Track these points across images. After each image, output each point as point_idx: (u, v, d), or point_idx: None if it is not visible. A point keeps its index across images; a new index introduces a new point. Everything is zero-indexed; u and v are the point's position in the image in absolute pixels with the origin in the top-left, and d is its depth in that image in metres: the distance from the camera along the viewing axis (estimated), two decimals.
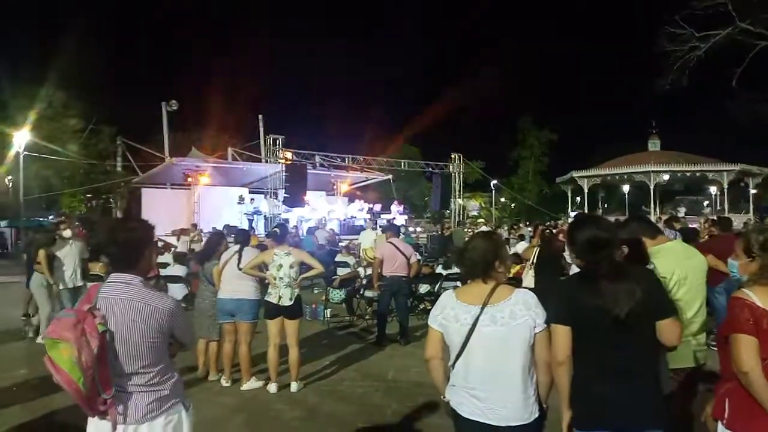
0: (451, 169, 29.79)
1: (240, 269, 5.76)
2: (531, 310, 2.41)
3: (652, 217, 21.97)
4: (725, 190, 31.25)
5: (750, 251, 2.48)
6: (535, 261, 7.31)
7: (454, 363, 2.49)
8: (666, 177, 32.31)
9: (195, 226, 17.53)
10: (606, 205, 40.40)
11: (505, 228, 25.90)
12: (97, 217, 26.16)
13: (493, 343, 2.39)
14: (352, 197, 27.71)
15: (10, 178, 25.56)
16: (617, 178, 34.32)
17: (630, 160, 33.74)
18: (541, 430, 2.52)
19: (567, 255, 5.13)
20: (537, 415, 2.42)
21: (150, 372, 2.24)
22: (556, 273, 7.12)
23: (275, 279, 5.57)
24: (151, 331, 2.22)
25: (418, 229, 29.13)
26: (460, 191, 30.72)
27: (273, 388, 5.64)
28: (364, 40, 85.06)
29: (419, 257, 10.27)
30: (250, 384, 5.78)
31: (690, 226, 12.90)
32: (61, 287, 7.94)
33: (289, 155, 22.59)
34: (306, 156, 24.34)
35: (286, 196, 21.22)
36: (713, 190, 33.72)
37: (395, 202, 26.82)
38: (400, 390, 5.75)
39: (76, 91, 27.29)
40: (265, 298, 5.68)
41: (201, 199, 22.02)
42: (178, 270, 10.76)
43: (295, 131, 31.27)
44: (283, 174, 21.44)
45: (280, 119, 42.63)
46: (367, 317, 9.24)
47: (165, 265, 11.25)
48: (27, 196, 22.55)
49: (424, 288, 10.10)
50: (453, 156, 29.76)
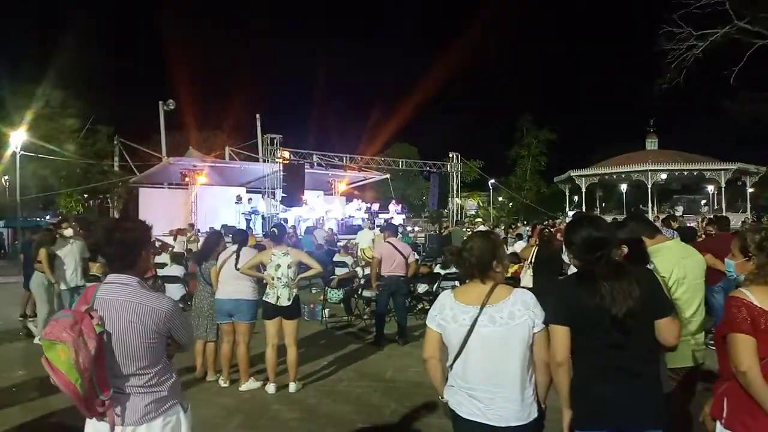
0: (448, 169, 29.78)
1: (238, 269, 5.75)
2: (530, 310, 2.41)
3: (650, 216, 22.00)
4: (723, 189, 31.33)
5: (746, 251, 2.49)
6: (533, 260, 7.31)
7: (453, 363, 2.49)
8: (664, 176, 32.37)
9: (192, 226, 17.51)
10: (604, 204, 40.47)
11: (502, 227, 25.90)
12: (95, 217, 26.12)
13: (492, 343, 2.39)
14: (350, 197, 27.72)
15: (6, 177, 25.49)
16: (615, 177, 34.37)
17: (628, 159, 33.79)
18: (540, 431, 2.52)
19: (565, 255, 5.14)
20: (536, 416, 2.42)
21: (148, 373, 2.23)
22: (555, 272, 7.12)
23: (273, 279, 5.57)
24: (148, 332, 2.21)
25: (416, 228, 29.11)
26: (458, 190, 30.71)
27: (271, 388, 5.63)
28: (362, 40, 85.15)
29: (417, 257, 10.27)
30: (249, 384, 5.77)
31: (688, 225, 12.95)
32: (62, 287, 7.91)
33: (286, 155, 22.57)
34: (303, 155, 24.32)
35: (283, 195, 21.22)
36: (711, 189, 33.77)
37: (393, 202, 26.83)
38: (399, 390, 5.75)
39: (74, 91, 27.25)
40: (263, 299, 5.67)
41: (198, 198, 22.02)
42: (176, 270, 10.74)
43: (292, 131, 31.35)
44: (281, 173, 21.44)
45: (278, 119, 42.76)
46: (365, 317, 9.23)
47: (162, 265, 11.23)
48: (24, 196, 22.49)
49: (422, 287, 10.10)
50: (451, 155, 29.75)
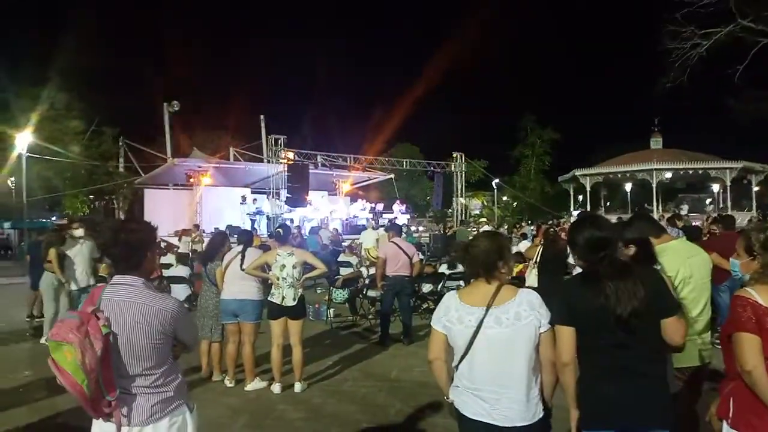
0: (453, 168, 29.76)
1: (243, 270, 5.77)
2: (535, 311, 2.40)
3: (655, 215, 21.91)
4: (728, 188, 31.12)
5: (751, 250, 2.48)
6: (538, 260, 7.30)
7: (458, 364, 2.48)
8: (668, 175, 32.21)
9: (197, 226, 17.56)
10: (608, 204, 40.30)
11: (506, 227, 25.85)
12: (100, 218, 26.22)
13: (498, 344, 2.38)
14: (354, 197, 27.72)
15: (12, 179, 25.63)
16: (619, 176, 34.22)
17: (632, 158, 33.61)
18: (547, 430, 2.52)
19: (571, 255, 5.12)
20: (541, 416, 2.41)
21: (154, 374, 2.23)
22: (560, 272, 7.12)
23: (278, 279, 5.58)
24: (154, 333, 2.22)
25: (421, 228, 29.10)
26: (462, 190, 30.67)
27: (277, 388, 5.65)
28: (365, 40, 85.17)
29: (422, 256, 10.28)
30: (254, 384, 5.79)
31: (693, 224, 12.89)
32: (73, 287, 7.93)
33: (291, 155, 22.60)
34: (308, 156, 24.35)
35: (288, 196, 21.23)
36: (716, 187, 33.56)
37: (397, 202, 26.83)
38: (404, 390, 5.75)
39: (78, 93, 27.39)
40: (269, 299, 5.69)
41: (203, 199, 22.06)
42: (181, 271, 10.78)
43: (296, 131, 31.32)
44: (285, 174, 21.45)
45: (282, 119, 42.74)
46: (370, 317, 9.23)
47: (168, 265, 11.29)
48: (30, 197, 22.60)
49: (427, 287, 10.10)
50: (455, 155, 29.72)
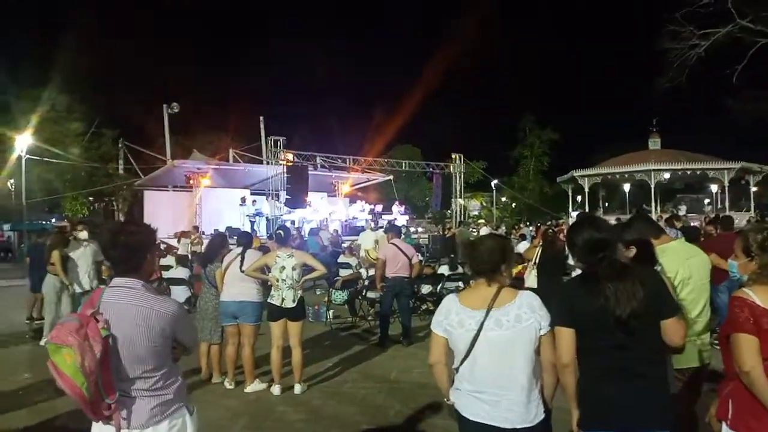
0: (452, 169, 29.76)
1: (242, 271, 5.77)
2: (536, 313, 2.41)
3: (653, 216, 21.92)
4: (726, 188, 31.12)
5: (749, 251, 2.48)
6: (537, 261, 7.32)
7: (459, 366, 2.48)
8: (667, 175, 32.19)
9: (197, 228, 17.55)
10: (607, 204, 40.29)
11: (503, 228, 25.84)
12: (100, 220, 26.20)
13: (499, 347, 2.39)
14: (353, 198, 27.72)
15: (12, 181, 25.62)
16: (618, 176, 34.20)
17: (631, 159, 33.59)
18: None
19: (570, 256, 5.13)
20: (542, 417, 2.41)
21: (153, 376, 2.23)
22: (558, 273, 7.13)
23: (278, 281, 5.58)
24: (154, 336, 2.21)
25: (420, 229, 29.09)
26: (461, 191, 30.67)
27: (276, 390, 5.65)
28: (364, 41, 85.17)
29: (421, 258, 10.28)
30: (254, 386, 5.79)
31: (691, 224, 12.91)
32: (77, 289, 7.91)
33: (290, 157, 22.57)
34: (307, 157, 24.32)
35: (287, 197, 21.23)
36: (714, 188, 33.54)
37: (396, 203, 26.82)
38: (403, 391, 5.76)
39: (78, 95, 27.36)
40: (268, 300, 5.69)
41: (203, 201, 22.06)
42: (181, 272, 10.78)
43: (296, 133, 31.28)
44: (285, 175, 21.44)
45: (281, 121, 42.61)
46: (369, 318, 9.24)
47: (167, 267, 11.29)
48: (29, 199, 22.60)
49: (426, 288, 10.11)
50: (454, 156, 29.72)
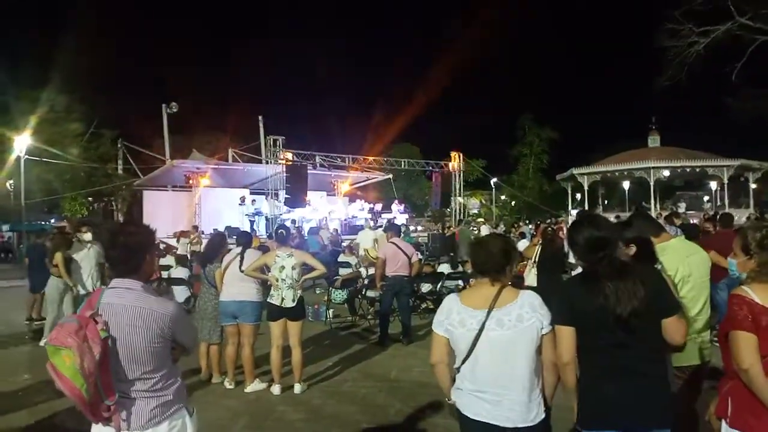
0: (451, 168, 29.75)
1: (242, 271, 5.76)
2: (537, 312, 2.41)
3: (653, 213, 21.93)
4: (725, 186, 31.15)
5: (748, 249, 2.48)
6: (537, 259, 7.32)
7: (460, 366, 2.48)
8: (666, 173, 32.22)
9: (196, 228, 17.53)
10: (606, 202, 40.31)
11: (503, 226, 25.83)
12: (100, 220, 26.19)
13: (501, 346, 2.38)
14: (352, 197, 27.72)
15: (11, 182, 25.60)
16: (617, 174, 34.21)
17: (630, 157, 33.60)
18: (547, 431, 2.52)
19: (571, 254, 5.14)
20: (543, 417, 2.41)
21: (153, 377, 2.23)
22: (558, 271, 7.14)
23: (277, 280, 5.58)
24: (153, 337, 2.21)
25: (419, 228, 29.10)
26: (460, 189, 30.66)
27: (276, 389, 5.64)
28: (363, 40, 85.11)
29: (420, 256, 10.29)
30: (254, 386, 5.79)
31: (691, 221, 12.92)
32: (80, 291, 7.88)
33: (289, 156, 22.56)
34: (306, 156, 24.31)
35: (287, 196, 21.22)
36: (713, 185, 33.57)
37: (396, 201, 26.84)
38: (403, 390, 5.76)
39: (77, 95, 27.33)
40: (268, 300, 5.69)
41: (202, 200, 22.06)
42: (181, 272, 10.78)
43: (295, 132, 31.23)
44: (284, 175, 21.44)
45: (280, 120, 42.60)
46: (369, 317, 9.24)
47: (167, 267, 11.29)
48: (28, 199, 22.58)
49: (426, 287, 10.12)
50: (453, 154, 29.71)
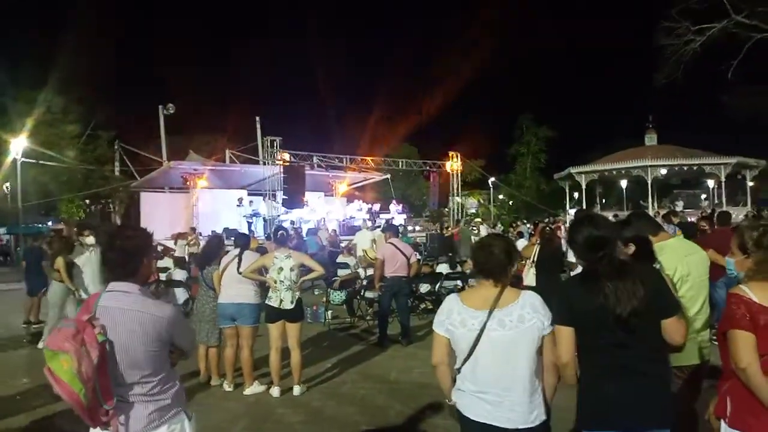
0: (449, 168, 29.76)
1: (240, 273, 5.75)
2: (538, 313, 2.40)
3: (650, 212, 21.97)
4: (723, 183, 31.22)
5: (745, 248, 2.48)
6: (535, 259, 7.32)
7: (461, 367, 2.47)
8: (663, 171, 32.26)
9: (194, 229, 17.50)
10: (604, 201, 40.35)
11: (500, 225, 25.85)
12: (97, 223, 26.13)
13: (502, 347, 2.38)
14: (350, 198, 27.72)
15: (7, 184, 25.53)
16: (615, 173, 34.22)
17: (627, 155, 33.65)
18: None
19: (571, 254, 5.13)
20: (543, 418, 2.41)
21: (151, 381, 2.21)
22: (557, 270, 7.14)
23: (276, 282, 5.56)
24: (151, 340, 2.19)
25: (417, 228, 29.10)
26: (458, 189, 30.67)
27: (276, 391, 5.63)
28: (361, 41, 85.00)
29: (419, 257, 10.28)
30: (253, 388, 5.77)
31: (689, 220, 12.94)
32: (83, 295, 7.83)
33: (286, 157, 22.55)
34: (304, 157, 24.31)
35: (284, 197, 21.22)
36: (711, 183, 33.63)
37: (394, 202, 26.84)
38: (403, 391, 5.75)
39: (74, 97, 27.26)
40: (266, 302, 5.67)
41: (200, 202, 22.04)
42: (179, 274, 10.75)
43: (292, 132, 31.24)
44: (282, 175, 21.43)
45: (277, 121, 42.44)
46: (368, 318, 9.23)
47: (165, 269, 11.26)
48: (25, 202, 22.51)
49: (424, 287, 10.11)
50: (451, 154, 29.72)
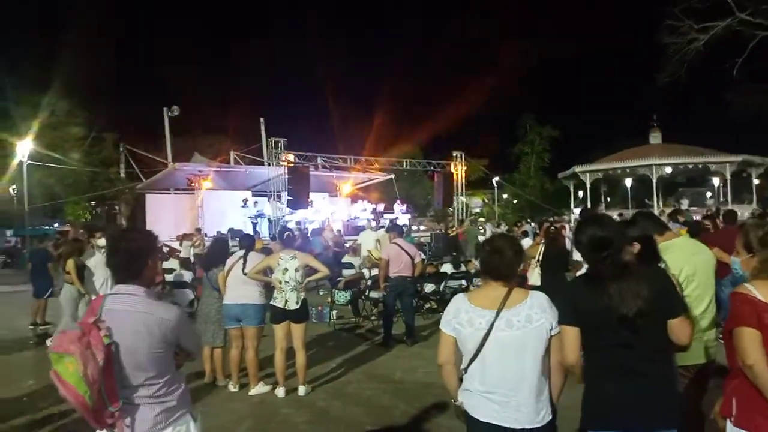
0: (453, 167, 29.72)
1: (245, 274, 5.76)
2: (546, 313, 2.40)
3: (655, 210, 21.88)
4: (728, 182, 31.03)
5: (750, 247, 2.47)
6: (540, 258, 7.30)
7: (468, 366, 2.47)
8: (668, 170, 32.13)
9: (199, 230, 17.54)
10: (609, 200, 40.21)
11: (504, 225, 25.78)
12: (103, 224, 26.22)
13: (510, 347, 2.37)
14: (354, 198, 27.71)
15: (14, 187, 25.67)
16: (619, 172, 34.06)
17: (632, 154, 33.49)
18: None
19: (576, 253, 5.12)
20: (550, 418, 2.41)
21: (156, 383, 2.22)
22: (562, 270, 7.12)
23: (281, 283, 5.57)
24: (156, 342, 2.20)
25: (421, 227, 29.07)
26: (462, 189, 30.62)
27: (281, 392, 5.64)
28: (364, 41, 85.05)
29: (423, 256, 10.28)
30: (258, 389, 5.78)
31: (694, 219, 12.87)
32: (93, 297, 7.84)
33: (291, 158, 22.56)
34: (308, 158, 24.33)
35: (289, 198, 21.24)
36: (716, 181, 33.45)
37: (398, 202, 26.80)
38: (408, 391, 5.75)
39: (79, 99, 27.41)
40: (271, 303, 5.68)
41: (204, 203, 22.07)
42: (185, 275, 10.78)
43: (296, 133, 31.24)
44: (286, 176, 21.45)
45: (282, 122, 42.56)
46: (372, 318, 9.24)
47: (171, 270, 11.29)
48: (31, 204, 22.63)
49: (429, 287, 10.11)
50: (455, 154, 29.68)
